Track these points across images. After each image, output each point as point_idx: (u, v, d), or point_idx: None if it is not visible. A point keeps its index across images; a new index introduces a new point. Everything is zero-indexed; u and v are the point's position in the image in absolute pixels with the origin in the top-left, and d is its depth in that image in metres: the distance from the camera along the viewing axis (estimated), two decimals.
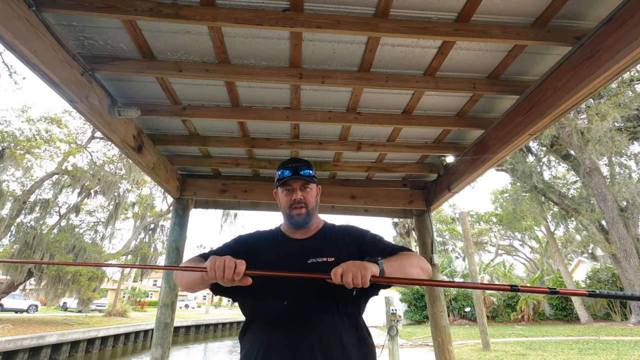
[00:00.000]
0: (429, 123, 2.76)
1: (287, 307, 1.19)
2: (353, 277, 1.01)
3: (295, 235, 1.39)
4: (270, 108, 2.68)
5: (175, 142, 3.11)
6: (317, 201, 1.43)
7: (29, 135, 15.02)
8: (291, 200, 1.34)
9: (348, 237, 1.37)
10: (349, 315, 1.22)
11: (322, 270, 1.09)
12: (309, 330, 1.16)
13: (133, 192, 19.22)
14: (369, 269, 1.03)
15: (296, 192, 1.34)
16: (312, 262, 1.26)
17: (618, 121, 13.68)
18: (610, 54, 1.60)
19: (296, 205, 1.33)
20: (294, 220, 1.34)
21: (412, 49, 2.11)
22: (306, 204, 1.35)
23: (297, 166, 1.36)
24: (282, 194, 1.37)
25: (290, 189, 1.35)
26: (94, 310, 26.32)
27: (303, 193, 1.35)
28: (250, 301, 1.27)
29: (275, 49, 2.10)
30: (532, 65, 2.24)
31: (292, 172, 1.34)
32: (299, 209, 1.33)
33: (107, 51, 2.11)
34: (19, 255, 13.72)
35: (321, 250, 1.30)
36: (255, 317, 1.25)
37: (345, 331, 1.19)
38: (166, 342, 3.19)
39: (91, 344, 15.99)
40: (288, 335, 1.16)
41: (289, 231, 1.41)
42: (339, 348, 1.15)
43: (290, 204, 1.34)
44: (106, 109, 2.29)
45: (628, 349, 9.21)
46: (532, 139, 2.42)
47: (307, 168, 1.37)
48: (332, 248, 1.31)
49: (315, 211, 1.41)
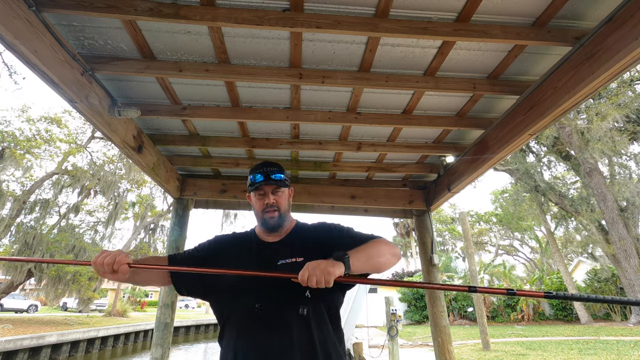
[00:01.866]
0: (429, 123, 2.76)
1: (258, 309, 1.21)
2: (317, 281, 1.06)
3: (267, 238, 1.41)
4: (270, 108, 2.68)
5: (175, 142, 3.11)
6: (289, 203, 1.45)
7: (29, 135, 15.02)
8: (264, 204, 1.36)
9: (317, 234, 1.39)
10: (317, 312, 1.23)
11: (292, 271, 1.13)
12: (280, 332, 1.18)
13: (133, 192, 19.23)
14: (333, 272, 1.07)
15: (268, 196, 1.36)
16: (282, 263, 1.28)
17: (618, 121, 13.67)
18: (610, 54, 1.60)
19: (269, 209, 1.35)
20: (267, 223, 1.36)
21: (412, 49, 2.11)
22: (279, 207, 1.37)
23: (268, 170, 1.36)
24: (255, 198, 1.39)
25: (262, 193, 1.37)
26: (94, 310, 26.31)
27: (275, 197, 1.37)
28: (220, 302, 1.31)
29: (275, 49, 2.10)
30: (532, 65, 2.24)
31: (264, 177, 1.35)
32: (271, 212, 1.35)
33: (107, 51, 2.11)
34: (19, 255, 13.71)
35: (291, 251, 1.32)
36: (227, 319, 1.27)
37: (317, 330, 1.20)
38: (166, 342, 3.18)
39: (91, 344, 15.99)
40: (260, 337, 1.18)
41: (262, 234, 1.42)
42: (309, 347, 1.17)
43: (263, 208, 1.36)
44: (106, 109, 2.29)
45: (628, 349, 9.21)
46: (532, 139, 2.42)
47: (279, 172, 1.38)
48: (302, 248, 1.32)
49: (288, 213, 1.43)
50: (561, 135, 15.70)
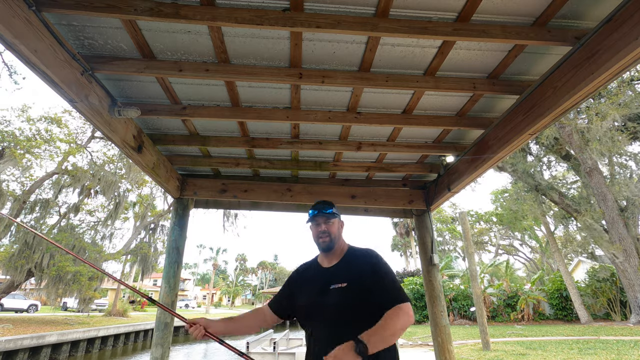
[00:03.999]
0: (429, 123, 2.76)
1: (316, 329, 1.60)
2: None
3: (324, 264, 1.74)
4: (270, 108, 2.68)
5: (175, 142, 3.11)
6: (340, 231, 1.77)
7: (29, 135, 15.02)
8: (318, 231, 1.72)
9: (362, 267, 1.64)
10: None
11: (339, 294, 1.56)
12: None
13: (133, 192, 19.22)
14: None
15: (321, 225, 1.72)
16: (333, 288, 1.59)
17: (618, 121, 13.66)
18: (610, 54, 1.60)
19: (322, 235, 1.70)
20: (321, 245, 1.71)
21: (412, 49, 2.11)
22: (329, 233, 1.71)
23: (321, 207, 1.76)
24: (312, 227, 1.76)
25: (317, 223, 1.73)
26: (95, 310, 26.33)
27: (326, 225, 1.71)
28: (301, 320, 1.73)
29: (275, 48, 2.10)
30: (532, 65, 2.24)
31: (317, 211, 1.73)
32: (324, 238, 1.70)
33: (107, 51, 2.11)
34: (19, 255, 13.73)
35: (340, 276, 1.62)
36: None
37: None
38: (166, 342, 3.19)
39: (91, 344, 16.00)
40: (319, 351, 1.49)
41: (322, 260, 1.77)
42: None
43: (318, 234, 1.72)
44: (106, 108, 2.29)
45: (628, 348, 9.21)
46: (532, 138, 2.42)
47: (329, 207, 1.75)
48: (347, 274, 1.62)
49: (339, 239, 1.74)
50: (561, 134, 15.70)
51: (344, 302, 1.55)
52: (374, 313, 1.50)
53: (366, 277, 1.58)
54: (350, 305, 1.54)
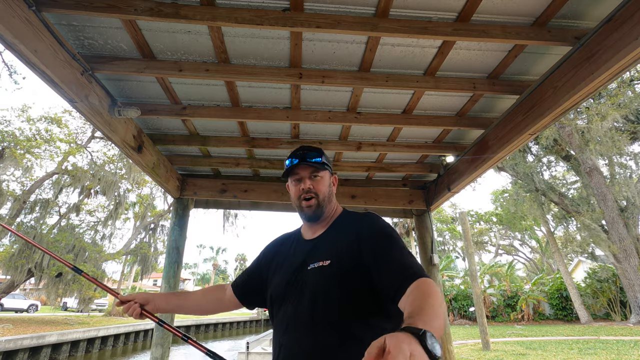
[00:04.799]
0: (429, 123, 2.76)
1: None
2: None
3: (307, 235, 1.27)
4: (270, 108, 2.68)
5: (175, 142, 3.11)
6: (331, 191, 1.27)
7: (29, 135, 15.02)
8: (300, 190, 1.21)
9: (354, 232, 1.13)
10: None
11: (318, 277, 1.06)
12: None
13: (133, 192, 19.23)
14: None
15: (304, 181, 1.21)
16: (312, 268, 1.11)
17: (618, 121, 13.67)
18: (610, 54, 1.60)
19: (305, 196, 1.20)
20: (304, 213, 1.22)
21: (412, 49, 2.11)
22: (316, 194, 1.20)
23: (304, 153, 1.23)
24: (292, 184, 1.25)
25: (298, 178, 1.23)
26: (95, 310, 26.34)
27: (312, 182, 1.21)
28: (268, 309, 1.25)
29: (275, 48, 2.10)
30: (532, 65, 2.24)
31: (299, 160, 1.21)
32: (308, 201, 1.20)
33: (107, 51, 2.11)
34: (19, 255, 13.73)
35: (322, 250, 1.14)
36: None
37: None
38: (166, 342, 3.19)
39: (91, 344, 15.99)
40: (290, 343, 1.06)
41: (305, 230, 1.29)
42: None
43: (299, 195, 1.22)
44: (106, 108, 2.29)
45: (628, 348, 9.21)
46: (532, 138, 2.42)
47: (317, 154, 1.24)
48: (332, 247, 1.13)
49: (329, 203, 1.25)
50: (561, 135, 15.70)
51: (324, 287, 1.03)
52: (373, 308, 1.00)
53: (362, 250, 1.05)
54: (333, 294, 1.01)
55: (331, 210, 1.27)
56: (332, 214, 1.27)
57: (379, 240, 1.06)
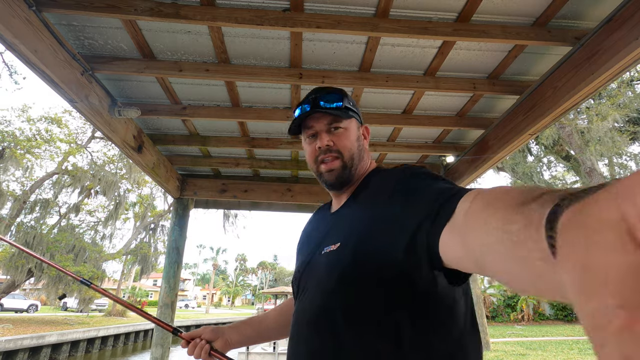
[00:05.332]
0: (429, 123, 2.76)
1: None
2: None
3: (333, 207, 0.96)
4: (270, 108, 2.68)
5: (175, 142, 3.11)
6: (362, 147, 0.92)
7: (29, 135, 15.03)
8: (315, 149, 0.89)
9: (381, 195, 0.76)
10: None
11: (322, 266, 0.79)
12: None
13: (133, 192, 19.23)
14: None
15: (321, 136, 0.89)
16: (324, 252, 0.81)
17: (618, 121, 13.67)
18: (610, 54, 1.60)
19: (323, 157, 0.88)
20: (325, 180, 0.90)
21: (412, 49, 2.11)
22: (340, 152, 0.88)
23: (318, 96, 0.89)
24: (305, 142, 0.93)
25: (312, 133, 0.91)
26: (94, 310, 26.34)
27: (333, 137, 0.88)
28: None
29: (275, 48, 2.10)
30: (532, 66, 2.24)
31: (311, 106, 0.89)
32: (328, 163, 0.88)
33: (107, 51, 2.11)
34: (19, 256, 13.73)
35: (336, 230, 0.83)
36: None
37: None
38: (166, 342, 3.19)
39: (91, 344, 16.01)
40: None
41: (333, 200, 0.98)
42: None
43: (316, 156, 0.90)
44: (106, 108, 2.29)
45: None
46: (532, 138, 2.42)
47: (336, 97, 0.90)
48: (346, 224, 0.81)
49: (360, 162, 0.91)
50: (561, 135, 15.71)
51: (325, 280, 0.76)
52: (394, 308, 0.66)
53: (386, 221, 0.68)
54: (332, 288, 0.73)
55: (362, 172, 0.92)
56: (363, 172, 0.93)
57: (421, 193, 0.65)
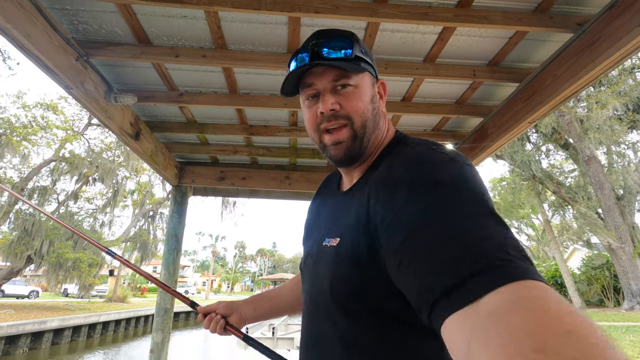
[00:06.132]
0: (427, 111, 2.75)
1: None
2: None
3: (344, 184, 0.81)
4: (268, 95, 2.66)
5: (173, 129, 3.09)
6: (377, 110, 0.75)
7: (25, 122, 14.89)
8: (316, 114, 0.71)
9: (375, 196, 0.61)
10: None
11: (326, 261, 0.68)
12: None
13: (132, 180, 19.20)
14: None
15: (324, 97, 0.70)
16: (325, 245, 0.71)
17: (618, 110, 13.64)
18: (612, 41, 1.58)
19: (327, 125, 0.71)
20: (330, 154, 0.73)
21: (412, 35, 2.08)
22: (349, 118, 0.70)
23: (321, 42, 0.69)
24: (304, 104, 0.75)
25: (313, 93, 0.72)
26: (95, 296, 26.64)
27: (339, 97, 0.70)
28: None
29: (273, 34, 2.07)
30: (533, 53, 2.22)
31: (310, 56, 0.69)
32: (334, 133, 0.71)
33: (101, 36, 2.07)
34: (19, 242, 13.78)
35: (340, 220, 0.71)
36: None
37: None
38: (166, 327, 3.23)
39: (92, 329, 16.23)
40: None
41: (343, 175, 0.84)
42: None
43: (317, 123, 0.72)
44: (102, 95, 2.26)
45: (620, 333, 9.41)
46: (532, 126, 2.41)
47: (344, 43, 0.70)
48: (349, 214, 0.68)
49: (374, 130, 0.74)
50: (560, 123, 15.67)
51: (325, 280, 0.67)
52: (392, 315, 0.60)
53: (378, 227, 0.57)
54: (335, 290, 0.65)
55: (377, 142, 0.75)
56: (378, 148, 0.75)
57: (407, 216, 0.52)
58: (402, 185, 0.55)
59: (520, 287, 0.36)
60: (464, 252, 0.42)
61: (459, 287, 0.39)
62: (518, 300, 0.35)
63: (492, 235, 0.44)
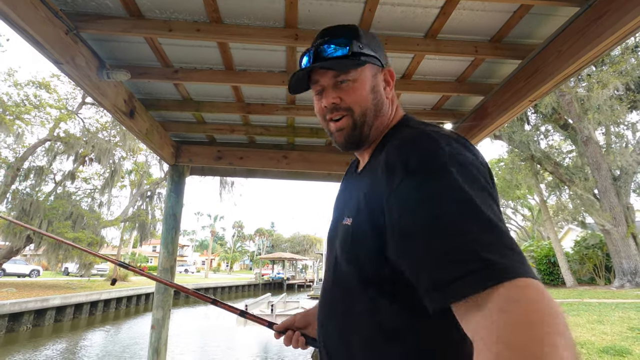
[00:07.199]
0: (427, 89, 2.70)
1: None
2: None
3: (360, 164, 0.90)
4: (265, 72, 2.60)
5: (168, 108, 3.04)
6: (379, 100, 0.82)
7: (17, 101, 14.62)
8: (322, 108, 0.83)
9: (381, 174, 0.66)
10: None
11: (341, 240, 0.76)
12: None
13: (129, 160, 19.09)
14: None
15: (326, 92, 0.81)
16: (343, 224, 0.77)
17: (619, 89, 13.50)
18: (618, 16, 1.54)
19: (331, 116, 0.81)
20: (335, 140, 0.85)
21: (413, 9, 2.02)
22: (350, 109, 0.79)
23: (321, 44, 0.79)
24: (314, 98, 0.86)
25: (319, 89, 0.83)
26: (95, 275, 27.00)
27: (340, 92, 0.79)
28: None
29: (269, 7, 2.00)
30: (537, 28, 2.16)
31: (311, 58, 0.79)
32: (337, 122, 0.81)
33: (91, 8, 1.99)
34: (18, 220, 13.80)
35: (354, 200, 0.77)
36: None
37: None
38: (167, 305, 3.29)
39: (94, 307, 16.54)
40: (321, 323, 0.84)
41: (358, 156, 0.94)
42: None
43: (324, 115, 0.84)
44: (94, 71, 2.20)
45: (609, 310, 9.68)
46: (532, 105, 2.38)
47: (343, 41, 0.78)
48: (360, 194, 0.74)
49: (376, 118, 0.81)
50: (561, 103, 15.55)
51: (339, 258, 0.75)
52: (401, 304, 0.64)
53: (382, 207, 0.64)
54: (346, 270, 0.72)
55: (383, 126, 0.83)
56: (383, 132, 0.83)
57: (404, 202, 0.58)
58: (401, 167, 0.62)
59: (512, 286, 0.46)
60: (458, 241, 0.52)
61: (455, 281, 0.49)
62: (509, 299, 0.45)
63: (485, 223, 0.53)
